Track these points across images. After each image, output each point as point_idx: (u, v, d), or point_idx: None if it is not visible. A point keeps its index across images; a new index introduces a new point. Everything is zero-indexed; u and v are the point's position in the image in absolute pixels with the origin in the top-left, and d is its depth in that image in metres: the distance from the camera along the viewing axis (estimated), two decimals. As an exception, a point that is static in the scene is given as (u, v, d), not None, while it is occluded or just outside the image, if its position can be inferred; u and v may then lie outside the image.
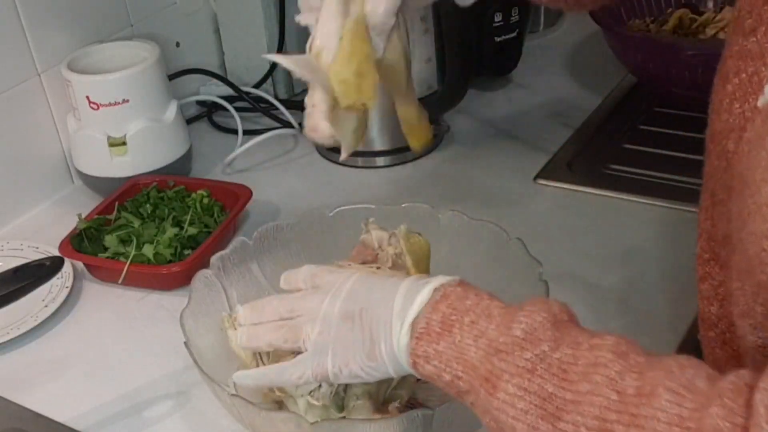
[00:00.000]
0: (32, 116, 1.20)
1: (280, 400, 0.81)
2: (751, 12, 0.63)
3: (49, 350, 0.99)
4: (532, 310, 0.60)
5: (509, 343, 0.58)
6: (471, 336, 0.61)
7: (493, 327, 0.60)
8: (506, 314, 0.61)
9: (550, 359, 0.57)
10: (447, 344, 0.62)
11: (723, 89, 0.64)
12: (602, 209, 1.14)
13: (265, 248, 0.95)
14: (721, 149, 0.65)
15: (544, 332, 0.58)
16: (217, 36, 1.48)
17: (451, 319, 0.62)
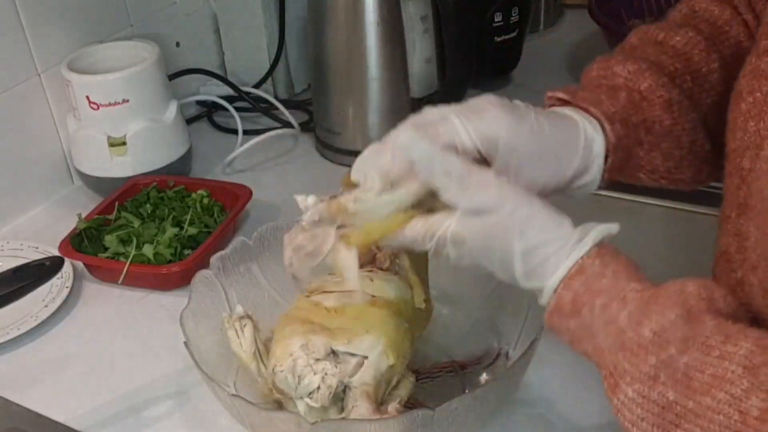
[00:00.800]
0: (32, 116, 1.20)
1: (280, 401, 0.81)
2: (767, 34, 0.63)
3: (49, 350, 0.99)
4: (666, 305, 0.57)
5: (636, 342, 0.56)
6: (602, 321, 0.59)
7: (625, 315, 0.58)
8: (641, 301, 0.58)
9: (677, 364, 0.54)
10: (578, 324, 0.60)
11: (738, 108, 0.64)
12: (602, 209, 1.13)
13: (265, 248, 0.95)
14: (735, 167, 0.64)
15: (674, 333, 0.55)
16: (217, 36, 1.48)
17: (582, 299, 0.60)
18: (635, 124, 0.73)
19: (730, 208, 0.66)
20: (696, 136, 0.76)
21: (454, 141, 0.66)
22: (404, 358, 0.81)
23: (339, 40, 1.23)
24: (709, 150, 0.77)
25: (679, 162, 0.77)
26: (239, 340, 0.84)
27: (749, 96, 0.63)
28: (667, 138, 0.75)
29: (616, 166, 0.73)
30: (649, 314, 0.57)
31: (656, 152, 0.75)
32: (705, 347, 0.54)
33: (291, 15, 1.43)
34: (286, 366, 0.77)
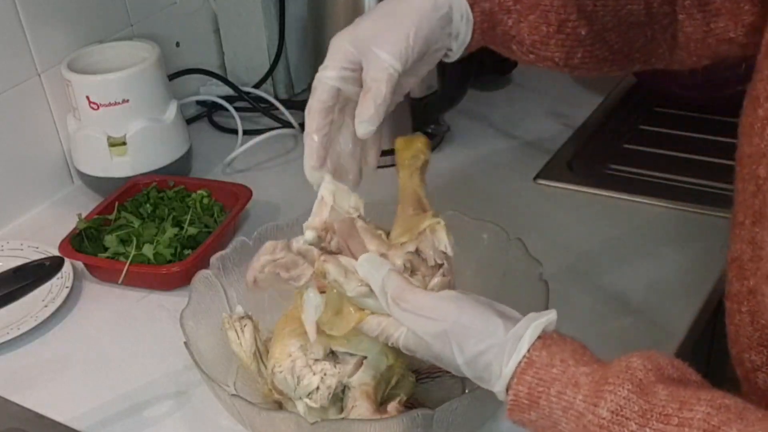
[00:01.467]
0: (32, 116, 1.20)
1: (280, 401, 0.81)
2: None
3: (49, 350, 0.99)
4: (617, 383, 0.57)
5: (596, 424, 0.57)
6: (560, 407, 0.59)
7: (580, 398, 0.58)
8: (592, 383, 0.59)
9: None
10: (538, 415, 0.61)
11: (754, 113, 0.64)
12: (602, 209, 1.14)
13: (265, 248, 0.95)
14: (749, 173, 0.64)
15: (630, 409, 0.56)
16: (217, 36, 1.48)
17: (538, 391, 0.61)
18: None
19: (743, 214, 0.65)
20: (567, 16, 0.78)
21: None
22: (403, 358, 0.81)
23: (339, 40, 1.23)
24: (584, 35, 0.79)
25: (546, 38, 0.78)
26: (239, 340, 0.84)
27: (766, 102, 0.62)
28: (535, 10, 0.77)
29: (482, 28, 0.77)
30: (603, 394, 0.57)
31: (524, 23, 0.78)
32: (663, 417, 0.55)
33: (291, 15, 1.43)
34: (285, 366, 0.77)
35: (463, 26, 0.77)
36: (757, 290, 0.63)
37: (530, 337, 0.62)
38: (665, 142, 1.31)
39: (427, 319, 0.65)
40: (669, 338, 0.91)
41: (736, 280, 0.66)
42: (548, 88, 1.43)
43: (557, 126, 1.33)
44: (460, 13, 0.76)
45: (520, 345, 0.62)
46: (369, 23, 0.75)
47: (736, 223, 0.67)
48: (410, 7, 0.74)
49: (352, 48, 0.75)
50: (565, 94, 1.41)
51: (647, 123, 1.37)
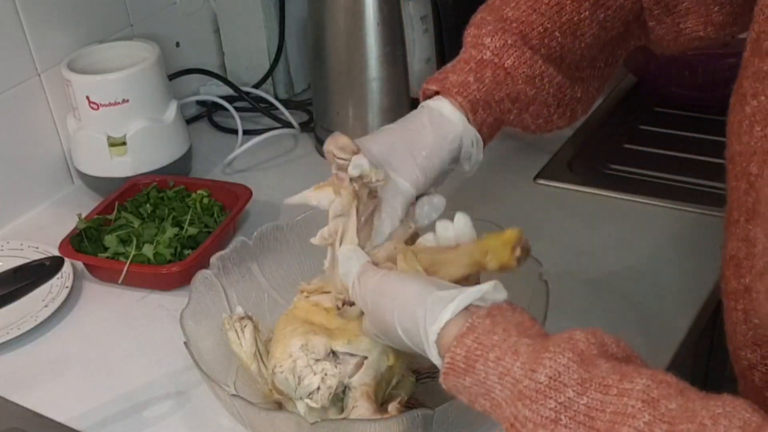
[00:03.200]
0: (32, 116, 1.20)
1: (280, 401, 0.81)
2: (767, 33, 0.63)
3: (49, 350, 0.99)
4: (557, 351, 0.57)
5: (533, 389, 0.56)
6: (496, 373, 0.59)
7: (518, 365, 0.58)
8: (532, 352, 0.58)
9: (577, 406, 0.55)
10: (473, 380, 0.61)
11: (741, 110, 0.64)
12: (602, 209, 1.14)
13: (265, 248, 0.95)
14: (741, 171, 0.64)
15: (569, 376, 0.56)
16: (217, 36, 1.48)
17: (475, 354, 0.60)
18: (499, 100, 0.81)
19: (737, 212, 0.66)
20: (563, 94, 0.83)
21: None
22: (404, 358, 0.81)
23: (339, 40, 1.23)
24: (581, 95, 0.84)
25: (548, 117, 0.85)
26: (239, 340, 0.84)
27: (753, 99, 0.63)
28: (533, 103, 0.83)
29: (489, 134, 0.83)
30: (542, 361, 0.57)
31: (525, 115, 0.83)
32: (602, 387, 0.55)
33: (291, 15, 1.43)
34: (286, 367, 0.77)
35: (474, 150, 0.82)
36: (751, 288, 0.63)
37: (457, 304, 0.63)
38: (665, 142, 1.31)
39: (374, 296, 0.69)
40: (669, 338, 0.91)
41: (733, 278, 0.66)
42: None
43: (557, 126, 1.33)
44: (470, 140, 0.81)
45: (444, 310, 0.63)
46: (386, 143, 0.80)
47: (731, 221, 0.67)
48: (424, 141, 0.80)
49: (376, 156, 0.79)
50: (565, 94, 1.41)
51: (647, 123, 1.37)
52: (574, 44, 0.81)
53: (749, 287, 0.63)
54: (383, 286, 0.70)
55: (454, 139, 0.80)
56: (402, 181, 0.79)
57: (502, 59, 0.80)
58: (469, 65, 0.81)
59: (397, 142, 0.80)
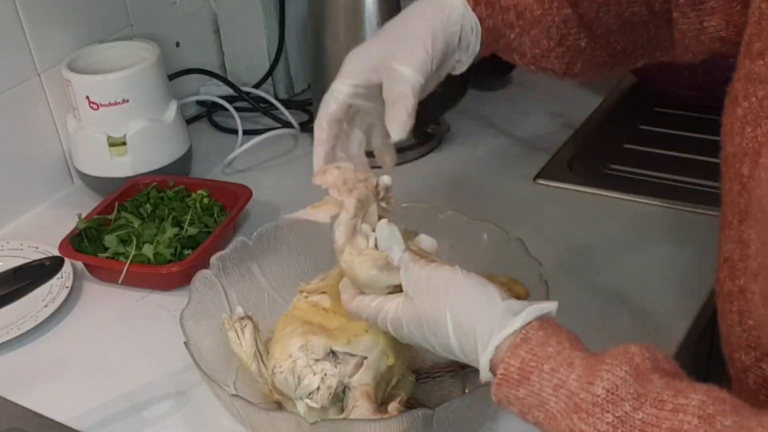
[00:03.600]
0: (32, 116, 1.20)
1: (280, 401, 0.81)
2: (759, 36, 0.63)
3: (49, 350, 0.99)
4: (614, 364, 0.57)
5: (590, 402, 0.56)
6: (551, 385, 0.59)
7: (574, 378, 0.58)
8: (588, 366, 0.58)
9: (632, 421, 0.54)
10: (527, 392, 0.60)
11: (733, 112, 0.64)
12: (602, 209, 1.14)
13: (265, 248, 0.95)
14: (734, 172, 0.65)
15: (626, 390, 0.56)
16: (217, 36, 1.48)
17: (530, 365, 0.60)
18: (504, 7, 0.79)
19: (731, 214, 0.66)
20: (568, 31, 0.80)
21: None
22: (404, 358, 0.81)
23: (339, 40, 1.23)
24: (584, 46, 0.81)
25: (547, 52, 0.81)
26: (240, 341, 0.84)
27: (744, 101, 0.63)
28: (537, 26, 0.80)
29: (487, 41, 0.80)
30: (600, 374, 0.57)
31: (525, 37, 0.80)
32: (658, 402, 0.55)
33: (291, 15, 1.43)
34: (286, 367, 0.77)
35: (473, 38, 0.79)
36: (746, 289, 0.63)
37: (525, 316, 0.62)
38: (665, 142, 1.31)
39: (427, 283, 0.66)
40: (669, 338, 0.91)
41: (727, 279, 0.67)
42: (548, 88, 1.43)
43: (557, 126, 1.33)
44: (470, 25, 0.78)
45: (514, 320, 0.62)
46: (384, 39, 0.78)
47: (725, 223, 0.67)
48: (424, 20, 0.77)
49: (368, 65, 0.77)
50: (565, 94, 1.41)
51: (647, 123, 1.37)
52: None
53: (744, 289, 0.63)
54: (438, 277, 0.67)
55: (456, 21, 0.77)
56: (409, 70, 0.75)
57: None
58: None
59: (399, 33, 0.77)
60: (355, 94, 0.77)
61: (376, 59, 0.76)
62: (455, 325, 0.64)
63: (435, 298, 0.65)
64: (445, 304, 0.65)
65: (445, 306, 0.65)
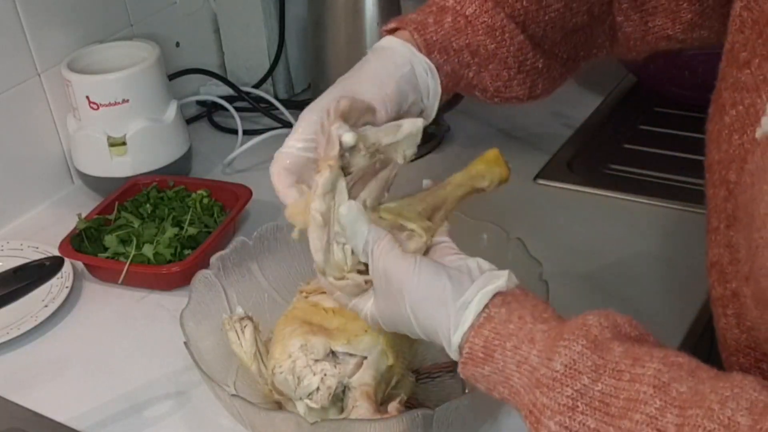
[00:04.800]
0: (32, 116, 1.20)
1: (280, 401, 0.81)
2: (745, 45, 0.63)
3: (49, 350, 0.99)
4: (571, 339, 0.58)
5: (550, 377, 0.58)
6: (514, 362, 0.60)
7: (535, 353, 0.59)
8: (548, 339, 0.60)
9: (592, 392, 0.56)
10: (491, 369, 0.62)
11: (720, 120, 0.65)
12: (602, 209, 1.14)
13: (265, 248, 0.95)
14: (720, 179, 0.65)
15: (583, 363, 0.57)
16: (217, 36, 1.48)
17: (493, 344, 0.62)
18: (458, 49, 0.78)
19: (717, 219, 0.66)
20: (524, 57, 0.80)
21: None
22: (403, 358, 0.81)
23: (339, 40, 1.23)
24: (541, 67, 0.82)
25: (508, 82, 0.81)
26: (240, 341, 0.84)
27: (732, 109, 0.64)
28: (493, 60, 0.80)
29: (447, 85, 0.79)
30: (558, 349, 0.58)
31: (485, 73, 0.80)
32: (616, 372, 0.56)
33: (291, 15, 1.43)
34: (286, 367, 0.77)
35: (430, 80, 0.77)
36: (739, 293, 0.63)
37: (477, 305, 0.63)
38: (665, 142, 1.31)
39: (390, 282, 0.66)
40: (669, 338, 0.91)
41: (718, 284, 0.67)
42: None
43: (557, 126, 1.33)
44: (422, 68, 0.77)
45: (467, 314, 0.63)
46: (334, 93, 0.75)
47: (711, 228, 0.68)
48: (373, 73, 0.76)
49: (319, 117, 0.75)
50: (565, 94, 1.41)
51: (647, 123, 1.37)
52: (539, 14, 0.79)
53: (737, 292, 0.64)
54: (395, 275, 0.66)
55: (402, 64, 0.75)
56: None
57: (463, 7, 0.78)
58: (431, 9, 0.79)
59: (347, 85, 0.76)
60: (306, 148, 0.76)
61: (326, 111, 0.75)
62: (419, 325, 0.66)
63: (395, 299, 0.66)
64: (404, 305, 0.66)
65: (405, 307, 0.66)
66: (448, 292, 0.65)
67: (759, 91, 0.61)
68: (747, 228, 0.60)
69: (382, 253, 0.67)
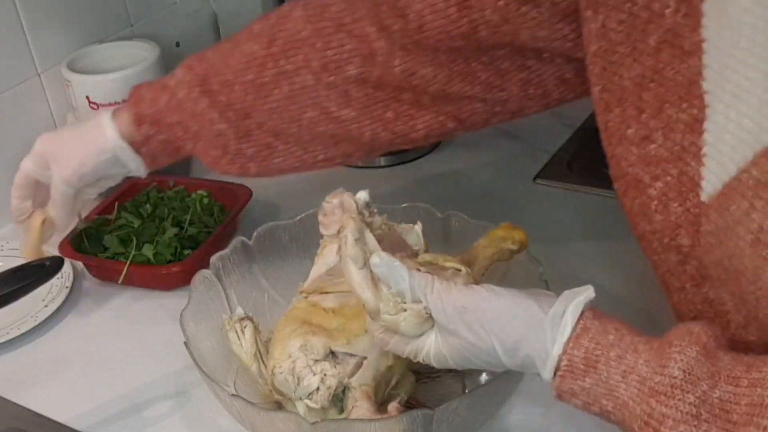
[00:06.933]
0: (32, 116, 1.20)
1: (280, 401, 0.81)
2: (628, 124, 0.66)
3: (49, 350, 0.99)
4: (683, 345, 0.56)
5: (667, 384, 0.55)
6: (619, 372, 0.58)
7: (642, 362, 0.57)
8: (653, 350, 0.58)
9: (711, 400, 0.54)
10: (593, 381, 0.59)
11: (642, 194, 0.65)
12: (602, 209, 1.14)
13: (265, 248, 0.95)
14: (664, 245, 0.65)
15: (700, 370, 0.55)
16: (217, 36, 1.48)
17: (595, 354, 0.59)
18: (171, 124, 0.91)
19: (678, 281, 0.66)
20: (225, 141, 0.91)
21: None
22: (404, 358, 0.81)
23: (339, 40, 1.23)
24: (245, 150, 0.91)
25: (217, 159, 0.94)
26: (240, 341, 0.84)
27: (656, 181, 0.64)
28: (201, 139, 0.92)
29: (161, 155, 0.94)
30: (672, 356, 0.56)
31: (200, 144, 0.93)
32: (732, 379, 0.54)
33: (291, 15, 1.43)
34: (286, 367, 0.77)
35: (131, 163, 0.92)
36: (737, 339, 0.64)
37: (572, 317, 0.61)
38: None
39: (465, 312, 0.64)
40: (669, 338, 0.91)
41: None
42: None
43: (557, 126, 1.33)
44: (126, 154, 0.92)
45: (563, 328, 0.61)
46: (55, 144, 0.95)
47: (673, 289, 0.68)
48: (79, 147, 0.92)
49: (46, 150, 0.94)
50: (565, 94, 1.41)
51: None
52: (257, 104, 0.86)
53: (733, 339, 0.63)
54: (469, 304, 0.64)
55: (106, 150, 0.91)
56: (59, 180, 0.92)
57: (177, 92, 0.89)
58: (158, 85, 0.92)
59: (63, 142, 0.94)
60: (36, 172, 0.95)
61: (49, 152, 0.94)
62: (506, 352, 0.63)
63: (474, 329, 0.64)
64: (487, 333, 0.63)
65: (488, 336, 0.63)
66: (536, 308, 0.62)
67: (683, 159, 0.61)
68: (733, 282, 0.60)
69: (443, 290, 0.65)
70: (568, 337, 0.61)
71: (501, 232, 0.86)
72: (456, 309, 0.64)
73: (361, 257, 0.68)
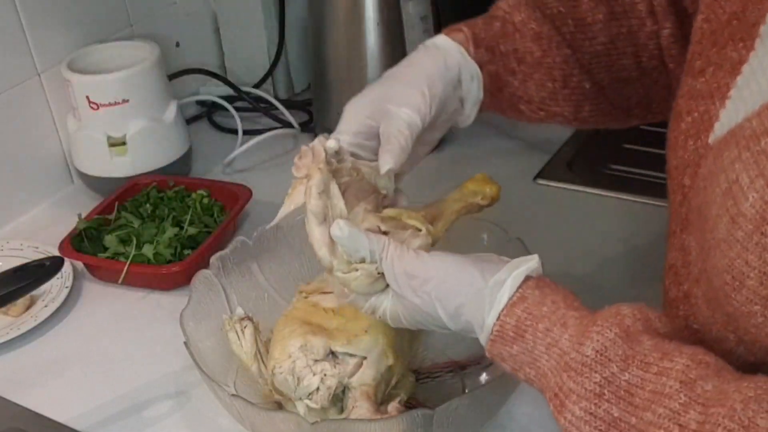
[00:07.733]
0: (32, 116, 1.20)
1: (280, 401, 0.81)
2: (701, 54, 0.65)
3: (49, 350, 0.99)
4: (604, 326, 0.58)
5: (579, 361, 0.58)
6: (544, 343, 0.61)
7: (566, 337, 0.60)
8: (580, 326, 0.60)
9: (618, 381, 0.56)
10: (520, 349, 0.62)
11: (678, 127, 0.66)
12: (602, 209, 1.14)
13: (265, 248, 0.95)
14: (677, 183, 0.66)
15: (614, 351, 0.57)
16: (217, 36, 1.48)
17: (525, 324, 0.62)
18: (504, 53, 0.80)
19: (675, 223, 0.67)
20: (570, 71, 0.81)
21: None
22: (404, 358, 0.81)
23: (339, 40, 1.23)
24: (588, 88, 0.82)
25: (553, 94, 0.82)
26: (240, 341, 0.84)
27: (688, 116, 0.65)
28: (539, 69, 0.81)
29: (491, 89, 0.80)
30: (590, 335, 0.59)
31: (530, 82, 0.81)
32: (644, 364, 0.56)
33: (291, 15, 1.43)
34: (285, 367, 0.77)
35: (474, 87, 0.80)
36: (690, 294, 0.64)
37: (511, 285, 0.63)
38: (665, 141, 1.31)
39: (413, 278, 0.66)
40: (669, 338, 0.91)
41: (673, 286, 0.68)
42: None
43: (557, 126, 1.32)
44: (469, 74, 0.79)
45: (502, 291, 0.63)
46: (381, 88, 0.78)
47: (670, 232, 0.68)
48: (421, 69, 0.78)
49: (366, 111, 0.76)
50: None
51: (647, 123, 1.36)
52: (584, 44, 0.81)
53: (688, 293, 0.65)
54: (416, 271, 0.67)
55: (451, 66, 0.78)
56: (405, 110, 0.75)
57: (512, 15, 0.81)
58: (482, 18, 0.82)
59: (395, 80, 0.78)
60: (356, 143, 0.76)
61: (373, 104, 0.76)
62: (448, 315, 0.66)
63: (419, 294, 0.66)
64: (431, 299, 0.66)
65: (432, 301, 0.66)
66: (478, 277, 0.65)
67: (713, 98, 0.62)
68: (699, 230, 0.61)
69: (394, 256, 0.67)
70: (504, 305, 0.63)
71: (472, 186, 0.83)
72: (406, 275, 0.67)
73: (321, 212, 0.70)
